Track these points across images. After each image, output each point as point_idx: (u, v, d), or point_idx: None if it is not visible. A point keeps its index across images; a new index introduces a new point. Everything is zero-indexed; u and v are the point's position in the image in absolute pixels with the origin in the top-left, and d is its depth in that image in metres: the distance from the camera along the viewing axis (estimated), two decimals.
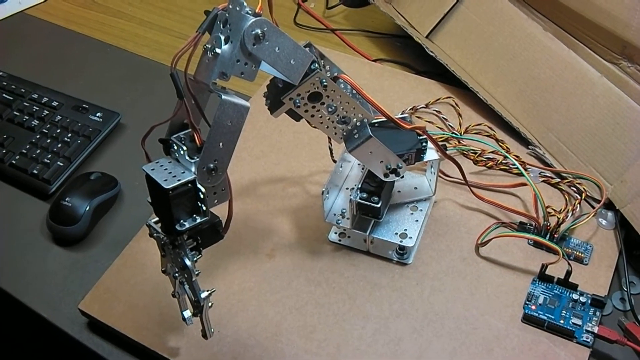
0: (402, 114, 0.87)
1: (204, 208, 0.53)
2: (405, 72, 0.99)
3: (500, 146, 0.83)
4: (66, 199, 0.77)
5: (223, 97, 0.50)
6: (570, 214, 0.73)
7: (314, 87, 0.57)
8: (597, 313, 0.68)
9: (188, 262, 0.55)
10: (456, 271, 0.72)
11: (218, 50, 0.50)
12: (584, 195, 0.75)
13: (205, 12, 0.52)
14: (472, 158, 0.83)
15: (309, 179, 0.83)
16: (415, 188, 0.76)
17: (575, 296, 0.69)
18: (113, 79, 1.00)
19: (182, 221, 0.53)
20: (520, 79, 0.85)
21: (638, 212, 0.72)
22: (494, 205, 0.77)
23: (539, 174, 0.81)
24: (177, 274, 0.58)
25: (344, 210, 0.74)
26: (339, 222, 0.73)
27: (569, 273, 0.69)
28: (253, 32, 0.49)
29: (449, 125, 0.88)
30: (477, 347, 0.66)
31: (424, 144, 0.68)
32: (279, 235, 0.77)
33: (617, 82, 0.76)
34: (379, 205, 0.69)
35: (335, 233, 0.76)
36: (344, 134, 0.63)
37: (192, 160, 0.52)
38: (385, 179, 0.67)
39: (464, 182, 0.76)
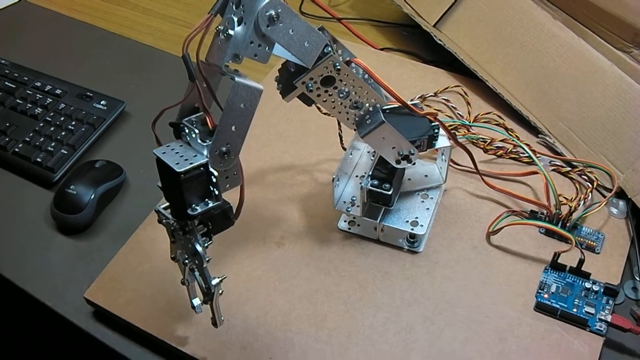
0: (411, 101, 0.86)
1: (216, 192, 0.52)
2: (412, 61, 0.98)
3: (510, 134, 0.82)
4: (71, 187, 0.76)
5: (236, 79, 0.49)
6: (582, 203, 0.72)
7: (327, 71, 0.56)
8: (610, 302, 0.67)
9: (199, 248, 0.54)
10: (467, 260, 0.72)
11: (231, 32, 0.49)
12: (595, 183, 0.75)
13: None
14: (481, 147, 0.82)
15: (318, 167, 0.82)
16: (426, 176, 0.75)
17: (588, 285, 0.68)
18: (117, 68, 0.99)
19: (194, 205, 0.52)
20: (529, 67, 0.84)
21: None
22: (505, 193, 0.76)
23: (549, 162, 0.80)
24: (187, 261, 0.57)
25: (354, 198, 0.73)
26: (349, 209, 0.72)
27: (581, 261, 0.68)
28: (267, 13, 0.48)
29: (458, 113, 0.87)
30: (489, 335, 0.65)
31: (436, 131, 0.67)
32: (288, 223, 0.76)
33: (628, 70, 0.75)
34: (390, 193, 0.68)
35: (345, 221, 0.75)
36: (356, 119, 0.62)
37: (205, 144, 0.51)
38: (397, 166, 0.66)
39: (474, 170, 0.76)
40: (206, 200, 0.52)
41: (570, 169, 0.78)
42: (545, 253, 0.72)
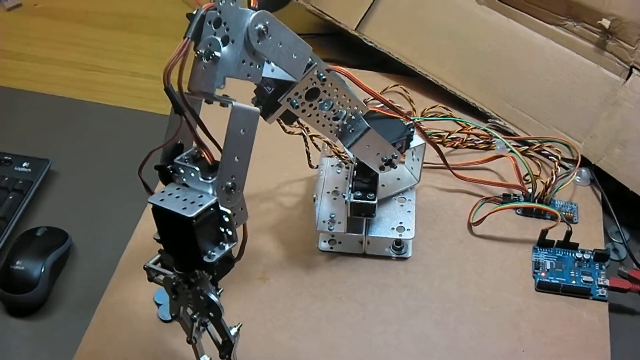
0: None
1: (229, 233, 0.47)
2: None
3: (460, 124, 0.82)
4: (16, 263, 0.67)
5: (234, 104, 0.45)
6: (554, 177, 0.73)
7: (312, 83, 0.52)
8: (603, 267, 0.68)
9: (215, 298, 0.48)
10: (458, 255, 0.70)
11: (217, 54, 0.45)
12: (560, 156, 0.76)
13: (188, 15, 0.46)
14: (437, 141, 0.81)
15: (279, 192, 0.78)
16: (398, 179, 0.73)
17: (578, 255, 0.69)
18: (31, 125, 0.89)
19: (210, 252, 0.46)
20: (464, 55, 0.85)
21: (614, 162, 0.73)
22: (477, 182, 0.76)
23: (504, 145, 0.81)
24: (195, 316, 0.51)
25: (333, 215, 0.69)
26: (332, 228, 0.68)
27: (569, 233, 0.69)
28: (257, 27, 0.44)
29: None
30: (502, 325, 0.64)
31: (412, 130, 0.65)
32: (266, 256, 0.71)
33: (565, 42, 0.77)
34: (375, 202, 0.65)
35: (325, 241, 0.72)
36: (339, 130, 0.59)
37: (209, 181, 0.45)
38: (381, 172, 0.64)
39: (437, 165, 0.75)
40: (220, 243, 0.47)
41: (527, 147, 0.79)
42: (529, 233, 0.72)
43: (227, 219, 0.46)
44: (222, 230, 0.47)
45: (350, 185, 0.66)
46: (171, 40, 0.97)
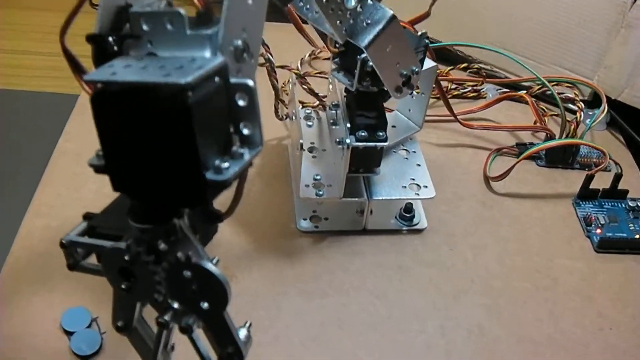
0: None
1: (248, 130, 0.25)
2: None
3: (447, 77, 0.65)
4: None
5: None
6: (582, 114, 0.58)
7: None
8: None
9: (214, 269, 0.26)
10: (485, 219, 0.52)
11: None
12: (578, 96, 0.62)
13: None
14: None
15: None
16: (394, 126, 0.54)
17: (631, 204, 0.54)
18: None
19: (216, 164, 0.24)
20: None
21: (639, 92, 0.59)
22: (497, 129, 0.60)
23: (497, 90, 0.65)
24: (167, 317, 0.28)
25: (318, 178, 0.49)
26: (320, 193, 0.48)
27: (618, 177, 0.53)
28: None
29: None
30: (572, 300, 0.46)
31: (427, 40, 0.46)
32: (227, 245, 0.49)
33: None
34: (387, 143, 0.45)
35: (305, 219, 0.51)
36: (350, 21, 0.39)
37: (206, 31, 0.24)
38: (397, 95, 0.44)
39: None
40: (233, 150, 0.25)
41: (524, 92, 0.64)
42: (560, 186, 0.56)
43: (243, 103, 0.24)
44: (235, 125, 0.25)
45: (348, 125, 0.45)
46: None
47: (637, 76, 0.60)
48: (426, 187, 0.49)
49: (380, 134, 0.45)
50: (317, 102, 0.57)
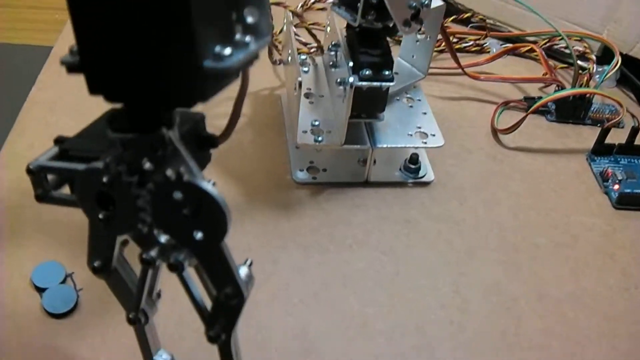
0: None
1: (253, 17, 0.20)
2: None
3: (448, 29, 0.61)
4: None
5: None
6: (594, 66, 0.54)
7: None
8: None
9: (210, 188, 0.22)
10: (495, 173, 0.49)
11: None
12: (586, 48, 0.58)
13: None
14: None
15: (221, 104, 0.51)
16: (396, 73, 0.49)
17: None
18: None
19: (219, 50, 0.19)
20: None
21: None
22: (506, 80, 0.55)
23: (500, 44, 0.62)
24: (153, 253, 0.23)
25: (317, 123, 0.44)
26: (319, 139, 0.43)
27: (635, 131, 0.50)
28: None
29: None
30: (593, 259, 0.43)
31: None
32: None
33: None
34: (394, 82, 0.41)
35: (302, 170, 0.46)
36: None
37: None
38: (406, 29, 0.40)
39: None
40: (235, 37, 0.20)
41: (531, 46, 0.60)
42: (572, 142, 0.53)
43: None
44: (237, 13, 0.20)
45: (350, 64, 0.41)
46: None
47: None
48: (434, 135, 0.45)
49: (386, 72, 0.41)
50: (313, 48, 0.53)
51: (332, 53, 0.45)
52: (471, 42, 0.61)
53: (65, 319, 0.35)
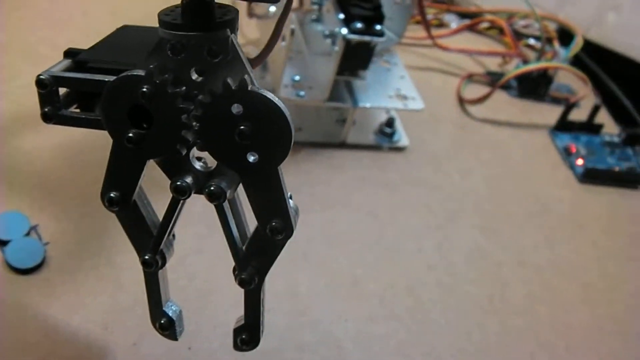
0: None
1: None
2: None
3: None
4: None
5: None
6: (556, 46, 0.55)
7: None
8: (636, 149, 0.52)
9: (275, 98, 0.19)
10: (466, 143, 0.48)
11: None
12: (546, 27, 0.59)
13: None
14: None
15: None
16: None
17: (607, 139, 0.52)
18: None
19: None
20: None
21: (609, 31, 0.58)
22: (472, 53, 0.55)
23: (459, 19, 0.62)
24: (195, 170, 0.21)
25: (298, 79, 0.42)
26: (301, 94, 0.41)
27: (597, 108, 0.51)
28: None
29: None
30: (565, 228, 0.43)
31: None
32: None
33: None
34: (385, 38, 0.39)
35: None
36: None
37: None
38: None
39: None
40: None
41: (494, 19, 0.60)
42: (536, 117, 0.54)
43: None
44: None
45: (342, 16, 0.39)
46: None
47: (605, 15, 0.58)
48: (414, 98, 0.44)
49: (378, 27, 0.39)
50: None
51: (315, 5, 0.43)
52: (432, 16, 0.60)
53: (32, 275, 0.31)
